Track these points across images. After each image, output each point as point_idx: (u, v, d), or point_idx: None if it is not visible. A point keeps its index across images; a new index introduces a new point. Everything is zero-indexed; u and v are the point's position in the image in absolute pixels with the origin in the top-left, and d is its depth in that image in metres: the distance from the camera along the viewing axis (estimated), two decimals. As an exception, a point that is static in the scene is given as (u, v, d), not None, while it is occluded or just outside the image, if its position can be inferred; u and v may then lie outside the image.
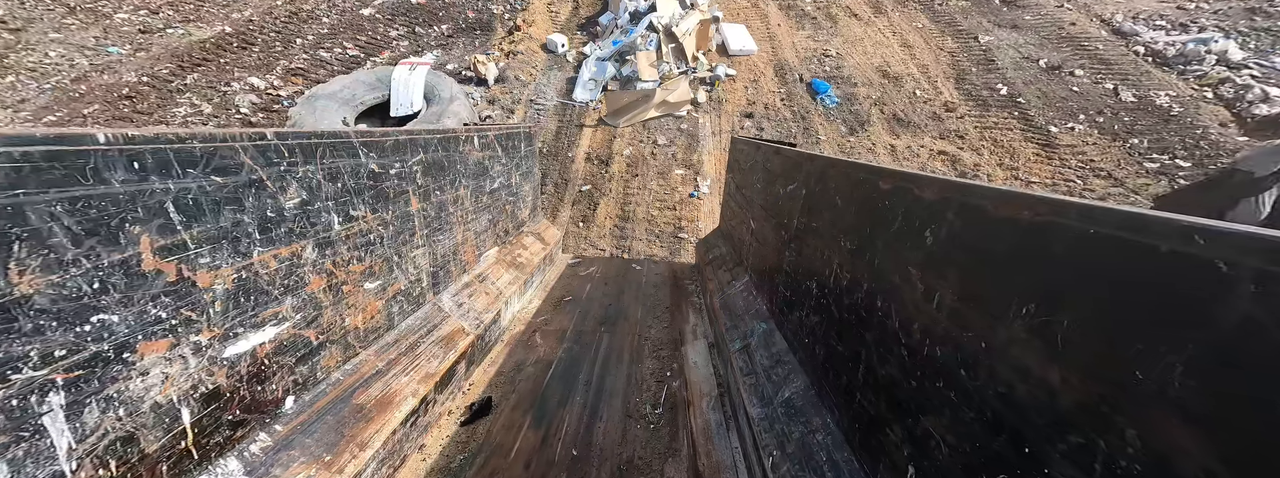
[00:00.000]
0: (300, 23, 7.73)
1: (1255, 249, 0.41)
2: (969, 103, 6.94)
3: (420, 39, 7.95)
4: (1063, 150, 5.96)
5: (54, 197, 0.71)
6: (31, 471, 0.70)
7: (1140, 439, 0.49)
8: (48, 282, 0.71)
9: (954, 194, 0.85)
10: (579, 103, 6.94)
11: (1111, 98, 6.58)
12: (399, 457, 1.51)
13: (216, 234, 0.97)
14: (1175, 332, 0.47)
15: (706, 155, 6.24)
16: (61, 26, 6.63)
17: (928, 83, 7.36)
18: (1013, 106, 6.70)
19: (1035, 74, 7.23)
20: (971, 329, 0.76)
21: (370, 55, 7.42)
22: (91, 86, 5.74)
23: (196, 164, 0.92)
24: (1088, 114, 6.40)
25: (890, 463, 0.96)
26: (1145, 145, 5.84)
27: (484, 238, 2.53)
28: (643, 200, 5.62)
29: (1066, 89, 6.85)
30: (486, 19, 8.46)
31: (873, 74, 7.57)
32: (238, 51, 6.88)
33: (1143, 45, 7.38)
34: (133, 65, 6.20)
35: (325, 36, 7.53)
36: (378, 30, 7.92)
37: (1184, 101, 6.25)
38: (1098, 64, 7.23)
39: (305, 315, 1.24)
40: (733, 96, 7.19)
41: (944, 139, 6.37)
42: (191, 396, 0.95)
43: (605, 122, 6.67)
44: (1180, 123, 5.99)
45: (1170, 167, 5.52)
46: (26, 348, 0.69)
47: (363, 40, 7.65)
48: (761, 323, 2.00)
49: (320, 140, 1.25)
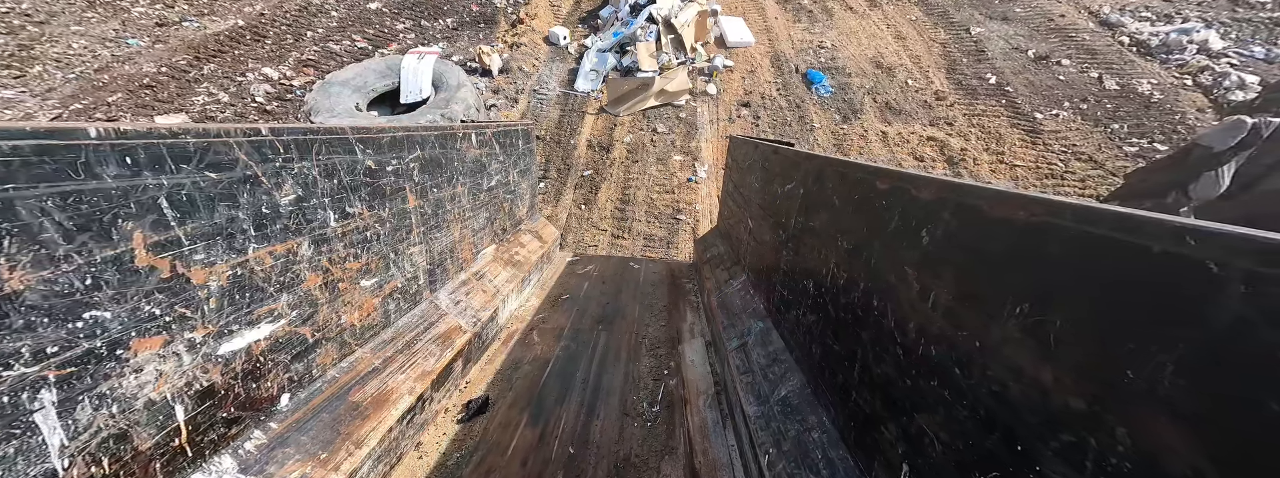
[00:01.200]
0: (309, 17, 7.89)
1: (1246, 250, 0.42)
2: (959, 92, 7.10)
3: (426, 32, 8.08)
4: (1047, 136, 6.14)
5: (45, 191, 0.70)
6: (22, 468, 0.69)
7: (1130, 438, 0.50)
8: (39, 278, 0.70)
9: (950, 194, 0.85)
10: (581, 92, 7.10)
11: (1096, 86, 6.77)
12: (395, 455, 1.51)
13: (211, 230, 0.97)
14: (1166, 331, 0.47)
15: (704, 142, 6.43)
16: (82, 19, 6.81)
17: (919, 73, 7.54)
18: (1001, 95, 6.89)
19: (1024, 64, 7.43)
20: (966, 329, 0.76)
21: (378, 48, 7.58)
22: (114, 76, 5.93)
23: (190, 159, 0.91)
24: (1072, 101, 6.60)
25: (885, 461, 0.97)
26: (1125, 130, 6.05)
27: (481, 236, 2.52)
28: (643, 184, 5.81)
29: (1053, 78, 7.06)
30: (490, 13, 8.58)
31: (866, 65, 7.74)
32: (251, 44, 7.04)
33: (1128, 36, 7.58)
34: (151, 57, 6.40)
35: (334, 30, 7.70)
36: (385, 24, 8.07)
37: (1165, 89, 6.47)
38: (1084, 54, 7.42)
39: (301, 313, 1.24)
40: (730, 87, 7.35)
41: (934, 126, 6.55)
42: (186, 393, 0.95)
43: (606, 110, 6.83)
44: (1160, 109, 6.20)
45: (1148, 150, 5.71)
46: (18, 345, 0.68)
47: (371, 33, 7.80)
48: (758, 322, 2.00)
49: (316, 136, 1.24)
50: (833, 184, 1.43)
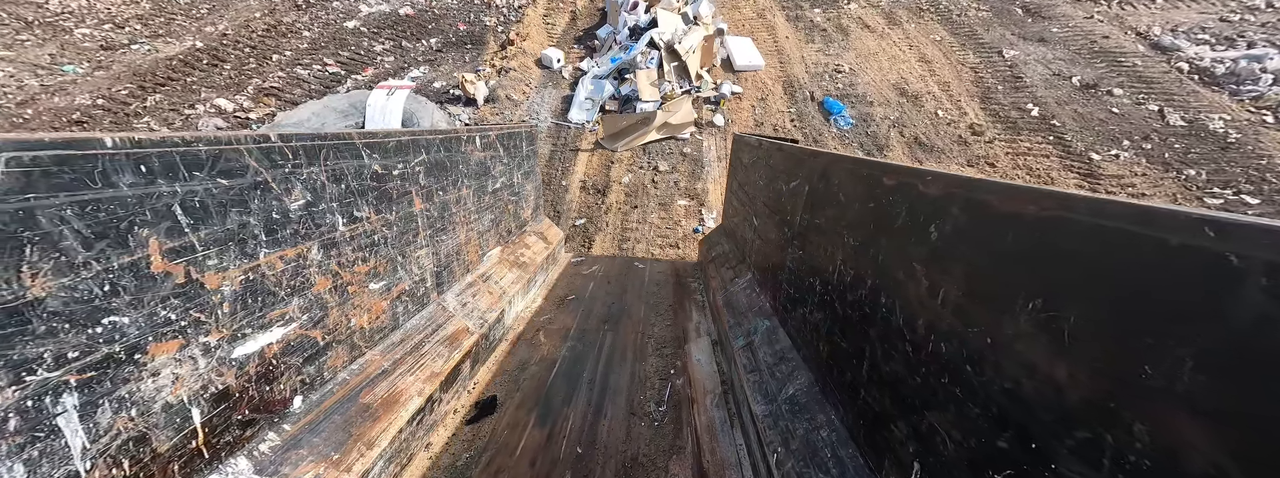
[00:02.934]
0: (279, 37, 7.28)
1: (1267, 242, 0.41)
2: (997, 125, 6.30)
3: (407, 54, 7.43)
4: (1108, 181, 5.39)
5: (64, 200, 0.71)
6: (47, 470, 0.71)
7: (1149, 435, 0.49)
8: (60, 284, 0.71)
9: (959, 190, 0.84)
10: (575, 124, 6.54)
11: (1157, 121, 5.93)
12: (406, 455, 1.52)
13: (223, 236, 0.98)
14: (1185, 326, 0.47)
15: (711, 183, 5.80)
16: (14, 43, 6.18)
17: (950, 102, 6.74)
18: (1047, 129, 6.08)
19: (1069, 93, 6.58)
20: (977, 325, 0.76)
21: (351, 73, 6.87)
22: (39, 110, 5.34)
23: (202, 167, 0.93)
24: (1132, 140, 5.77)
25: (895, 459, 0.96)
26: (1203, 177, 5.20)
27: (487, 237, 2.53)
28: (642, 236, 5.15)
29: (1105, 110, 6.23)
30: (479, 32, 8.02)
31: (889, 92, 7.01)
32: (207, 69, 6.42)
33: (1186, 62, 6.66)
34: (89, 86, 5.80)
35: (305, 52, 7.09)
36: (362, 45, 7.47)
37: (1241, 127, 5.63)
38: (1138, 82, 6.58)
39: (312, 316, 1.25)
40: (739, 116, 6.75)
41: (972, 166, 5.88)
42: (202, 396, 0.96)
43: (602, 145, 6.25)
44: (1240, 151, 5.40)
45: (1235, 203, 4.91)
46: (40, 350, 0.69)
47: (345, 56, 7.16)
48: (765, 320, 2.00)
49: (324, 142, 1.25)
50: (838, 181, 1.43)
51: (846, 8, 9.13)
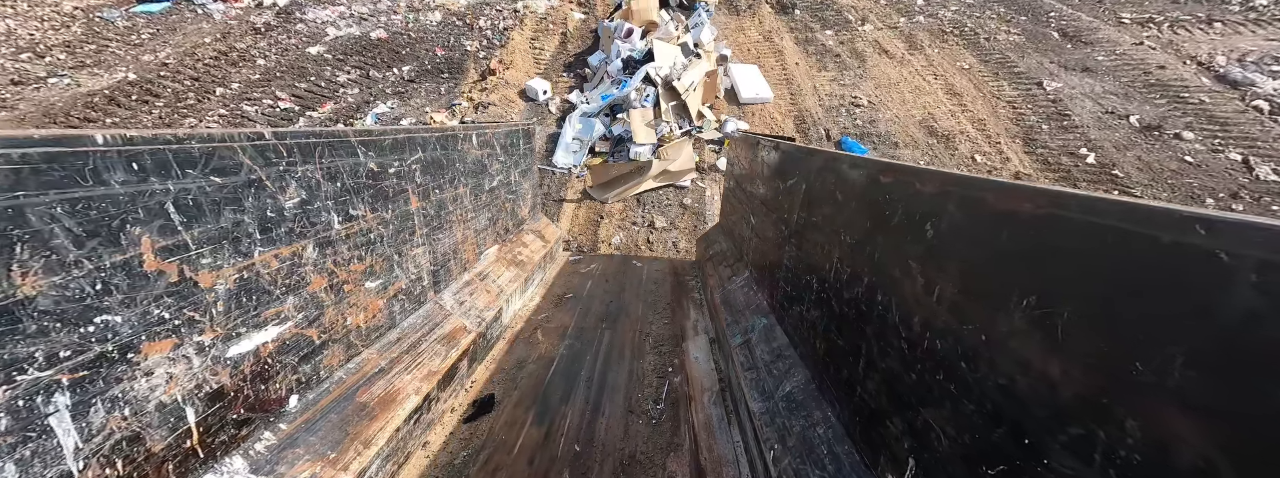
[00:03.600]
0: (228, 67, 6.14)
1: (1257, 240, 0.42)
2: (1048, 173, 5.18)
3: (374, 85, 6.35)
4: None
5: (54, 198, 0.71)
6: (39, 470, 0.70)
7: (1140, 430, 0.50)
8: (50, 283, 0.71)
9: (954, 187, 0.85)
10: (560, 169, 5.61)
11: (1244, 174, 4.80)
12: (403, 454, 1.52)
13: (217, 234, 0.97)
14: (1176, 322, 0.47)
15: None
16: None
17: (988, 144, 5.61)
18: (1108, 181, 4.98)
19: (1128, 135, 5.45)
20: (972, 322, 0.76)
21: (308, 108, 5.76)
22: None
23: (195, 165, 0.92)
24: (1218, 198, 4.66)
25: (891, 455, 0.97)
26: None
27: (484, 236, 2.53)
28: None
29: (1176, 159, 5.09)
30: (458, 58, 6.97)
31: (916, 130, 5.93)
32: (134, 107, 5.28)
33: (1265, 99, 5.51)
34: None
35: (256, 84, 5.95)
36: (324, 74, 6.37)
37: None
38: (1209, 124, 5.44)
39: (307, 315, 1.24)
40: None
41: None
42: (196, 395, 0.96)
43: (590, 194, 5.31)
44: None
45: None
46: (31, 349, 0.69)
47: (302, 88, 6.06)
48: (762, 318, 2.00)
49: (319, 140, 1.25)
50: (835, 179, 1.43)
51: (861, 29, 8.11)
